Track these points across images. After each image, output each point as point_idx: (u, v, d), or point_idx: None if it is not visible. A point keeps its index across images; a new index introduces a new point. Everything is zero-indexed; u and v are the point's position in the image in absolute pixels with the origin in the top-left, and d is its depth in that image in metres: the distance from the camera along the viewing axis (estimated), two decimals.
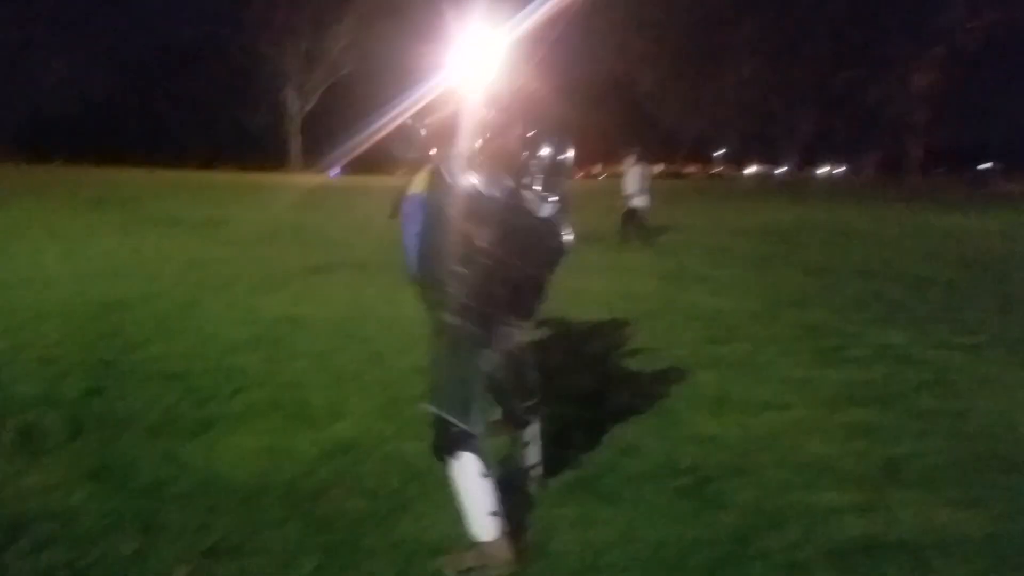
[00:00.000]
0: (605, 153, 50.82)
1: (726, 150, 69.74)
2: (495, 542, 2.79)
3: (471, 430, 2.81)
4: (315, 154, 49.99)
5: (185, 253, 11.28)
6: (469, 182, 2.77)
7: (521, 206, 2.77)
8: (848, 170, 70.83)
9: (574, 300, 7.31)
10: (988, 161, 53.81)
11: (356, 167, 47.56)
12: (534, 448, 3.40)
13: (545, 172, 2.76)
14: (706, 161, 72.88)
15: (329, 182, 39.45)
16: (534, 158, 2.77)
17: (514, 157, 2.85)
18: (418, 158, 2.94)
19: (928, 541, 3.06)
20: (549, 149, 2.78)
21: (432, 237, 2.85)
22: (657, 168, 60.69)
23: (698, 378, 5.23)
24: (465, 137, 2.86)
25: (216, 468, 3.58)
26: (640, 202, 14.37)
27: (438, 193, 2.83)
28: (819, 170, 68.61)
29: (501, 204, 2.76)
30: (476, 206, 2.75)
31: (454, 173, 2.80)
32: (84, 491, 3.29)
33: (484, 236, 2.73)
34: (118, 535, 2.94)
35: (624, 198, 14.47)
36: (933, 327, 7.17)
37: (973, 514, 3.28)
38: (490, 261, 2.73)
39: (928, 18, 49.73)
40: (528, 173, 2.77)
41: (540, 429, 3.42)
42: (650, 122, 56.64)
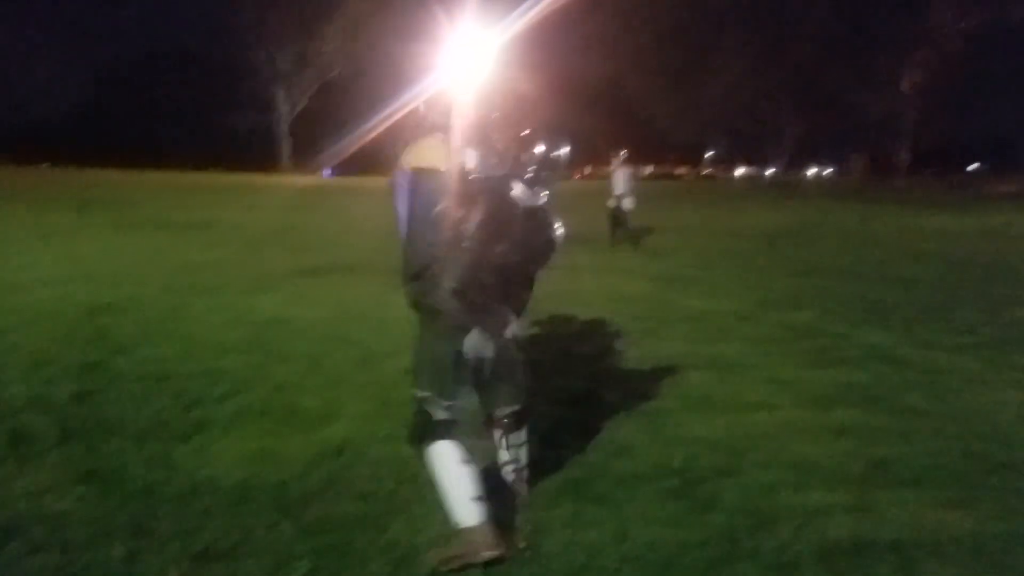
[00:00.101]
0: (595, 154, 50.94)
1: (716, 152, 70.07)
2: (478, 527, 2.77)
3: (450, 413, 2.82)
4: (306, 155, 49.92)
5: (175, 255, 11.25)
6: (462, 166, 2.78)
7: (511, 196, 2.78)
8: (836, 171, 71.23)
9: (565, 301, 7.33)
10: (975, 162, 54.17)
11: (348, 168, 47.50)
12: (523, 448, 3.40)
13: (538, 167, 2.77)
14: (696, 163, 73.21)
15: (320, 183, 39.40)
16: (528, 153, 2.78)
17: (508, 151, 2.87)
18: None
19: (916, 541, 3.08)
20: (543, 146, 2.79)
21: (421, 220, 2.85)
22: (647, 169, 60.98)
23: (688, 379, 5.25)
24: (459, 125, 2.87)
25: (207, 471, 3.57)
26: (628, 203, 14.48)
27: (429, 176, 2.84)
28: (808, 171, 68.97)
29: (491, 191, 2.77)
30: (466, 191, 2.76)
31: (448, 157, 2.81)
32: (74, 495, 3.28)
33: (472, 221, 2.73)
34: (109, 539, 2.92)
35: (615, 198, 14.52)
36: (921, 328, 7.23)
37: (961, 514, 3.30)
38: (477, 247, 2.73)
39: (915, 19, 50.04)
40: (522, 167, 2.78)
41: (529, 429, 3.42)
42: (641, 124, 56.81)
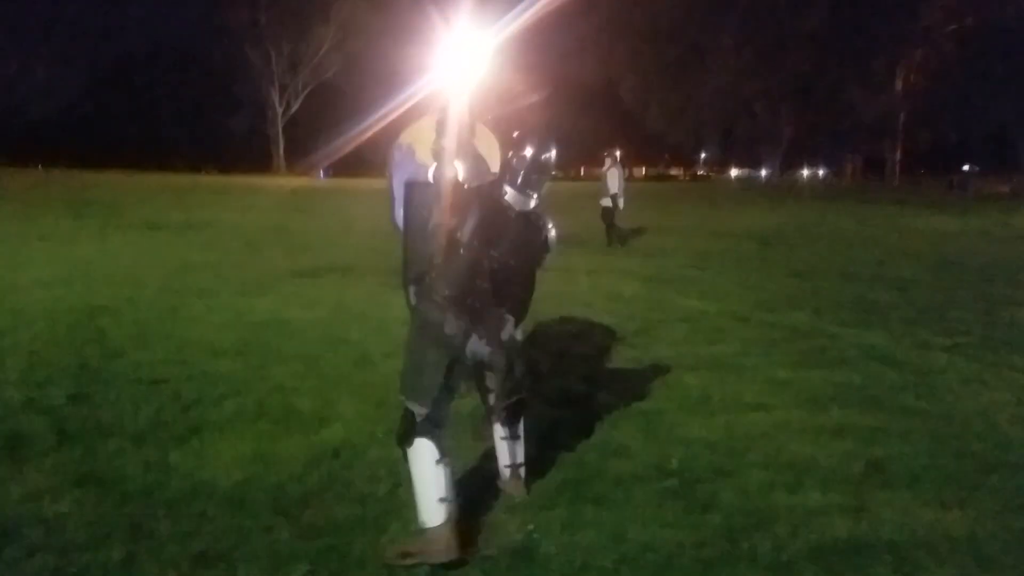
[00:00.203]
0: (588, 156, 50.99)
1: (709, 153, 70.19)
2: (438, 528, 2.79)
3: (429, 417, 2.84)
4: (299, 156, 49.89)
5: (172, 257, 11.22)
6: (452, 173, 2.80)
7: (503, 201, 2.78)
8: (830, 172, 71.40)
9: (561, 302, 7.34)
10: (967, 163, 54.41)
11: (342, 169, 47.48)
12: (519, 446, 3.41)
13: (527, 170, 2.78)
14: (691, 164, 73.34)
15: (314, 184, 39.32)
16: (517, 157, 2.79)
17: (499, 155, 2.87)
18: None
19: (912, 541, 3.09)
20: (532, 149, 2.80)
21: (416, 232, 2.86)
22: (640, 171, 61.06)
23: (684, 380, 5.26)
24: (450, 131, 2.88)
25: (203, 474, 3.57)
26: (620, 203, 14.62)
27: (422, 189, 2.86)
28: (802, 172, 69.11)
29: (484, 198, 2.78)
30: (459, 201, 2.77)
31: (439, 164, 2.82)
32: (72, 497, 3.27)
33: (464, 229, 2.74)
34: (107, 541, 2.92)
35: (610, 197, 14.54)
36: (916, 328, 7.25)
37: (956, 514, 3.32)
38: (470, 254, 2.74)
39: (908, 22, 50.24)
40: (511, 171, 2.79)
41: (525, 427, 3.43)
42: (635, 125, 56.93)
